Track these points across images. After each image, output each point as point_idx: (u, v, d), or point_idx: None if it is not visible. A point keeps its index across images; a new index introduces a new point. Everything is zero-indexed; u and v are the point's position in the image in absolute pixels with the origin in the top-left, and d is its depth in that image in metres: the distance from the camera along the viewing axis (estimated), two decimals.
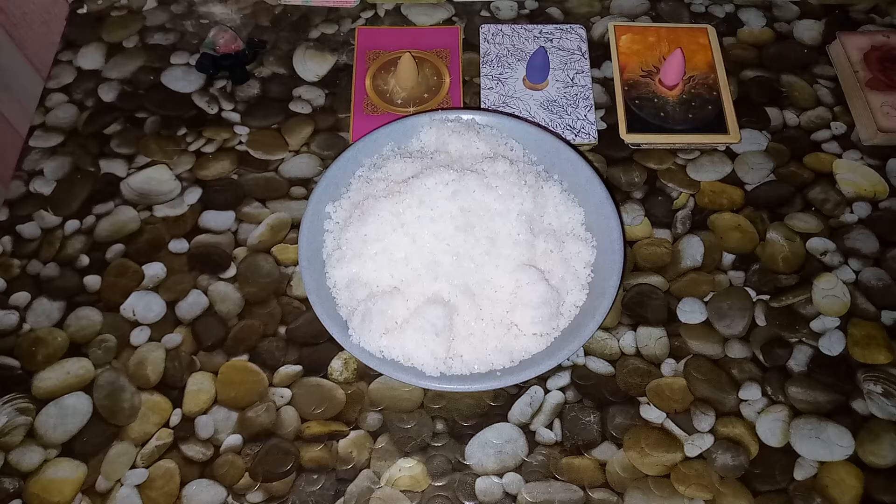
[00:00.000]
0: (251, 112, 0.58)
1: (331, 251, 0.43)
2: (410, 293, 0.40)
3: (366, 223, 0.42)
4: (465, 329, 0.40)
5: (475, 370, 0.40)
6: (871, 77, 0.57)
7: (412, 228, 0.41)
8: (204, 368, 0.47)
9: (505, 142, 0.47)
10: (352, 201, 0.45)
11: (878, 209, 0.53)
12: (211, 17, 0.63)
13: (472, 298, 0.40)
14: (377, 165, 0.46)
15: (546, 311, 0.40)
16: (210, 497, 0.43)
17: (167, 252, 0.51)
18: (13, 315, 0.49)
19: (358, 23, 0.62)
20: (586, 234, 0.44)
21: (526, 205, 0.42)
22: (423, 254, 0.40)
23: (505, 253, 0.41)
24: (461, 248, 0.40)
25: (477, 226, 0.41)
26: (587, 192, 0.45)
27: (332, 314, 0.41)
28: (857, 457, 0.44)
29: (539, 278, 0.40)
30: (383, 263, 0.41)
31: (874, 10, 0.63)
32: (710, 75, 0.58)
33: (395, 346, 0.39)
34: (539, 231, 0.43)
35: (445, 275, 0.40)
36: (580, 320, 0.41)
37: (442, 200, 0.41)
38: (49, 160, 0.55)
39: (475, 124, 0.48)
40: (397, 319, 0.40)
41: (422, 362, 0.39)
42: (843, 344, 0.48)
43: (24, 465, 0.44)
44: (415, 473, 0.44)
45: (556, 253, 0.42)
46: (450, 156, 0.45)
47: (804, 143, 0.56)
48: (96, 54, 0.61)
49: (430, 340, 0.39)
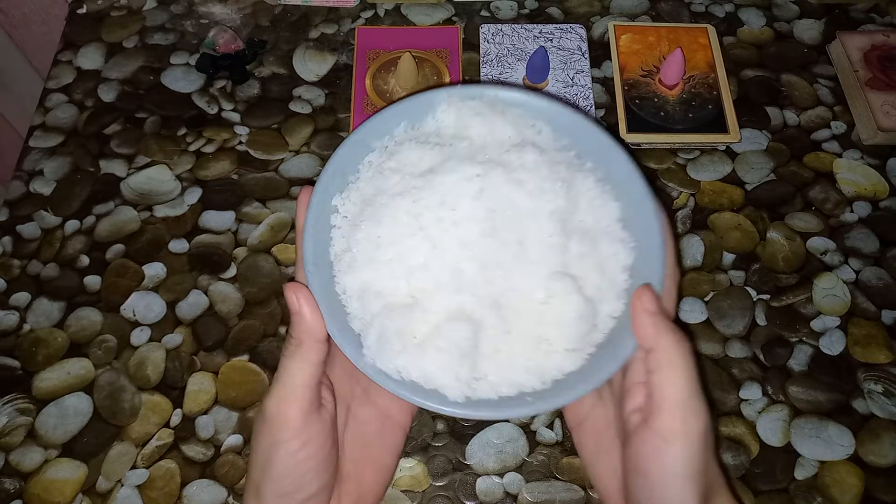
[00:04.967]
0: (251, 112, 0.58)
1: (339, 252, 0.37)
2: (430, 306, 0.35)
3: (380, 224, 0.36)
4: (490, 345, 0.35)
5: (503, 393, 0.35)
6: (871, 76, 0.57)
7: (432, 232, 0.36)
8: (204, 369, 0.47)
9: (532, 123, 0.40)
10: (362, 194, 0.39)
11: (879, 209, 0.53)
12: (211, 17, 0.63)
13: (499, 310, 0.36)
14: (390, 151, 0.40)
15: (581, 328, 0.35)
16: (211, 497, 0.43)
17: (167, 252, 0.51)
18: (13, 315, 0.49)
19: (358, 23, 0.62)
20: (623, 232, 0.38)
21: (558, 202, 0.37)
22: (444, 261, 0.36)
23: (535, 258, 0.36)
24: (487, 254, 0.36)
25: (504, 228, 0.36)
26: (624, 184, 0.39)
27: (344, 328, 0.35)
28: (858, 456, 0.44)
29: (574, 289, 0.35)
30: (399, 271, 0.36)
31: (874, 10, 0.63)
32: (710, 75, 0.58)
33: (414, 367, 0.35)
34: (572, 231, 0.37)
35: (470, 286, 0.35)
36: (617, 334, 0.36)
37: (466, 200, 0.36)
38: (49, 160, 0.55)
39: (500, 103, 0.41)
40: (416, 335, 0.35)
41: (444, 384, 0.34)
42: (844, 343, 0.48)
43: (24, 465, 0.44)
44: (415, 473, 0.44)
45: (591, 256, 0.37)
46: (472, 143, 0.39)
47: (804, 143, 0.56)
48: (96, 54, 0.61)
49: (454, 363, 0.34)
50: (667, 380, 0.31)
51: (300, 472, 0.33)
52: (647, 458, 0.31)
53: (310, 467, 0.33)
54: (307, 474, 0.33)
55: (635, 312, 0.33)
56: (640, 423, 0.32)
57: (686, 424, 0.30)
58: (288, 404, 0.33)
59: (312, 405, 0.33)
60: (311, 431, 0.33)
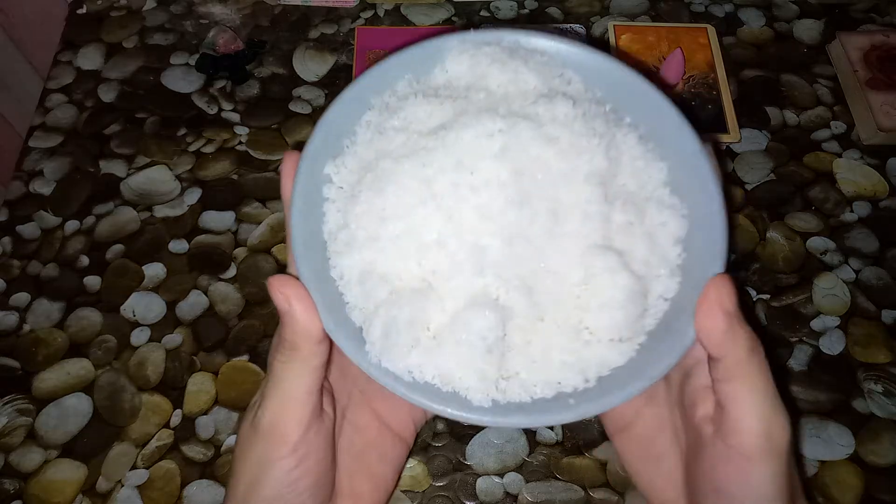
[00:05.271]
0: (251, 112, 0.58)
1: (334, 230, 0.31)
2: (447, 291, 0.30)
3: (383, 194, 0.30)
4: (521, 336, 0.29)
5: (537, 394, 0.29)
6: (870, 76, 0.57)
7: (447, 201, 0.30)
8: (204, 369, 0.47)
9: (561, 72, 0.34)
10: (360, 159, 0.33)
11: (878, 208, 0.53)
12: (211, 18, 0.63)
13: (530, 294, 0.30)
14: (392, 108, 0.33)
15: (631, 312, 0.29)
16: (211, 497, 0.43)
17: (167, 252, 0.51)
18: (13, 316, 0.49)
19: (357, 23, 0.62)
20: (672, 198, 0.32)
21: (597, 161, 0.31)
22: (462, 236, 0.30)
23: (572, 230, 0.30)
24: (514, 226, 0.29)
25: (534, 194, 0.30)
26: (671, 141, 0.33)
27: (341, 322, 0.30)
28: (858, 456, 0.44)
29: (619, 265, 0.29)
30: (408, 250, 0.30)
31: (874, 10, 0.63)
32: (710, 75, 0.58)
33: (428, 366, 0.29)
34: (614, 196, 0.31)
35: (494, 265, 0.29)
36: (672, 319, 0.30)
37: (486, 160, 0.30)
38: (49, 160, 0.55)
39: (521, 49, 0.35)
40: (430, 327, 0.29)
41: (466, 385, 0.29)
42: (844, 343, 0.48)
43: (24, 465, 0.44)
44: (415, 473, 0.44)
45: (637, 226, 0.31)
46: (490, 94, 0.33)
47: (804, 143, 0.56)
48: (96, 55, 0.61)
49: (477, 359, 0.29)
50: (744, 396, 0.27)
51: (295, 493, 0.30)
52: (728, 479, 0.27)
53: (306, 486, 0.30)
54: (303, 494, 0.30)
55: (706, 309, 0.27)
56: (714, 437, 0.28)
57: (772, 442, 0.27)
58: (286, 417, 0.29)
59: (314, 415, 0.30)
60: (311, 445, 0.30)
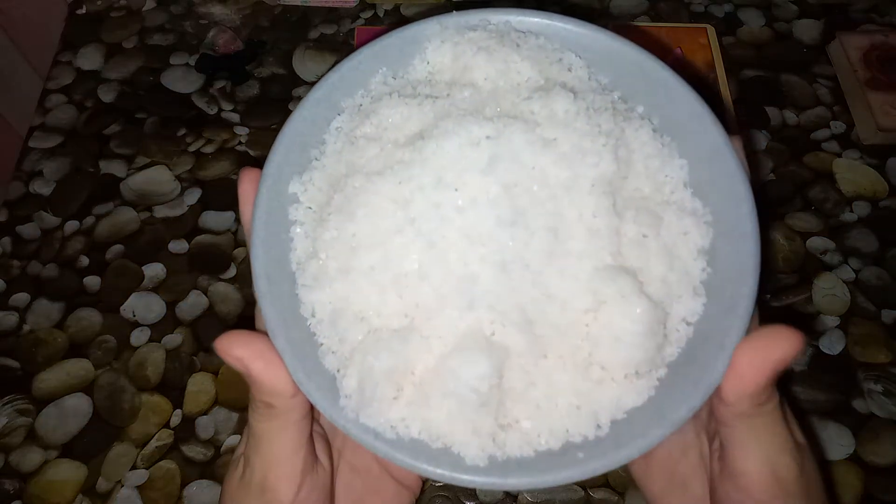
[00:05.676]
0: (251, 112, 0.58)
1: (303, 259, 0.28)
2: (432, 329, 0.25)
3: (354, 217, 0.26)
4: (521, 379, 0.25)
5: (542, 446, 0.25)
6: (870, 76, 0.57)
7: (427, 224, 0.26)
8: (204, 369, 0.47)
9: (559, 57, 0.30)
10: (329, 174, 0.29)
11: (878, 208, 0.53)
12: (211, 18, 0.63)
13: (530, 328, 0.25)
14: (364, 111, 0.29)
15: (648, 345, 0.25)
16: (211, 498, 0.43)
17: (167, 252, 0.51)
18: (13, 316, 0.49)
19: (357, 23, 0.62)
20: (694, 201, 0.28)
21: (604, 165, 0.26)
22: (447, 264, 0.25)
23: (576, 250, 0.26)
24: (507, 250, 0.25)
25: (530, 210, 0.26)
26: (691, 134, 0.28)
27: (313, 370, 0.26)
28: (858, 456, 0.44)
29: (634, 288, 0.25)
30: (385, 283, 0.26)
31: (874, 10, 0.63)
32: (710, 75, 0.58)
33: (414, 419, 0.25)
34: (625, 205, 0.27)
35: (485, 296, 0.25)
36: (696, 347, 0.26)
37: (472, 174, 0.26)
38: (49, 161, 0.55)
39: (512, 32, 0.30)
40: (416, 371, 0.26)
41: (459, 440, 0.25)
42: (844, 343, 0.48)
43: (24, 466, 0.44)
44: None
45: (653, 238, 0.27)
46: (477, 91, 0.29)
47: (804, 143, 0.56)
48: (96, 55, 0.61)
49: (469, 412, 0.25)
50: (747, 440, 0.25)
51: None
52: None
53: None
54: None
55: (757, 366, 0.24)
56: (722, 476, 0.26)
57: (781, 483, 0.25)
58: (277, 481, 0.26)
59: (306, 471, 0.27)
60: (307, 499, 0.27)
